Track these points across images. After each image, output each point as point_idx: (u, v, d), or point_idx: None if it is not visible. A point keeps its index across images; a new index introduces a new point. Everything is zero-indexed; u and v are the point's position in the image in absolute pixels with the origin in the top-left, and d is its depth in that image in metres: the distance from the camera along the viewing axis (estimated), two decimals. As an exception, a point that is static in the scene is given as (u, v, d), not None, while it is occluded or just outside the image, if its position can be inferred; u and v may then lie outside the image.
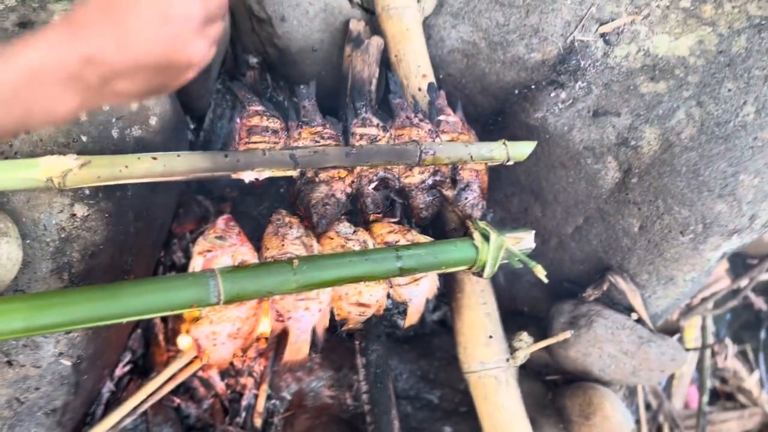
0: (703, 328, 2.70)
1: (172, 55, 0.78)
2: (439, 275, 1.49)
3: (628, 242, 1.66)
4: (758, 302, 3.39)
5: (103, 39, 0.73)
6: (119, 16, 0.74)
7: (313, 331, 1.35)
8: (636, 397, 2.42)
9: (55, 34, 0.73)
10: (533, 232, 1.55)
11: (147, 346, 1.78)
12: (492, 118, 1.90)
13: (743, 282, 2.62)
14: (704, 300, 2.52)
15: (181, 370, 1.70)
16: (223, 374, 1.80)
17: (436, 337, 2.05)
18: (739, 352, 3.18)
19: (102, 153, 1.25)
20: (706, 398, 2.49)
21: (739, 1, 1.58)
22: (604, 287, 1.71)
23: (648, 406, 2.51)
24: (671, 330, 2.42)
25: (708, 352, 2.63)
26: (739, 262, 3.14)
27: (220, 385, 1.80)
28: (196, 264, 1.25)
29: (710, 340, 2.75)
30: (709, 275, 1.85)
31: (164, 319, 1.79)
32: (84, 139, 1.24)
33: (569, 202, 1.74)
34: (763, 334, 3.37)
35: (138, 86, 0.80)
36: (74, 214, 1.27)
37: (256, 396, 1.79)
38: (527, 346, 1.57)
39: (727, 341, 2.86)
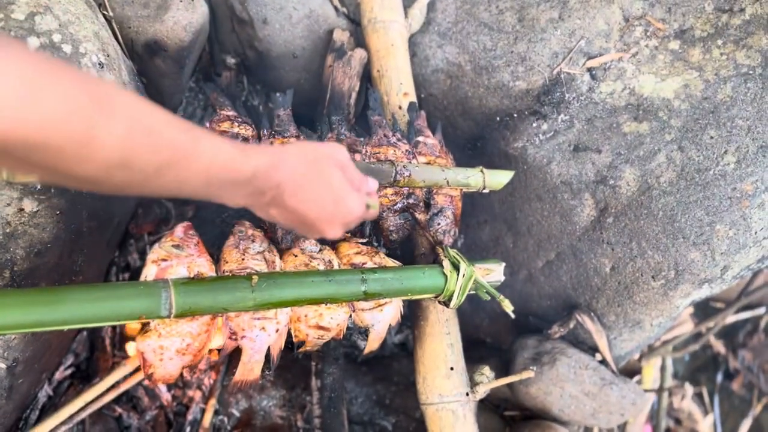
0: (663, 369, 2.69)
1: (322, 224, 1.00)
2: (404, 300, 1.44)
3: (599, 282, 1.63)
4: (717, 345, 3.41)
5: (290, 182, 0.91)
6: (311, 176, 0.94)
7: (268, 352, 1.29)
8: (591, 434, 2.39)
9: (265, 158, 0.87)
10: (503, 264, 1.51)
11: (92, 350, 1.69)
12: (471, 142, 1.86)
13: (706, 326, 2.62)
14: (666, 342, 2.51)
15: (126, 378, 1.62)
16: (171, 385, 1.72)
17: (395, 360, 2.00)
18: (695, 393, 3.19)
19: (58, 146, 1.18)
20: (660, 440, 2.48)
21: (728, 48, 1.56)
22: (571, 325, 1.68)
23: (603, 444, 2.48)
24: (631, 371, 2.40)
25: (665, 393, 2.63)
26: (701, 304, 3.15)
27: (165, 396, 1.71)
28: (149, 272, 1.18)
29: (669, 381, 2.74)
30: (675, 320, 1.83)
31: (113, 323, 1.70)
32: (40, 130, 1.16)
33: (542, 236, 1.71)
34: (719, 377, 3.39)
35: (284, 221, 0.99)
36: (22, 209, 1.18)
37: (203, 410, 1.71)
38: (488, 381, 1.53)
39: (687, 385, 2.86)
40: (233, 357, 1.69)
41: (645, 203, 1.52)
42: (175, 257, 1.20)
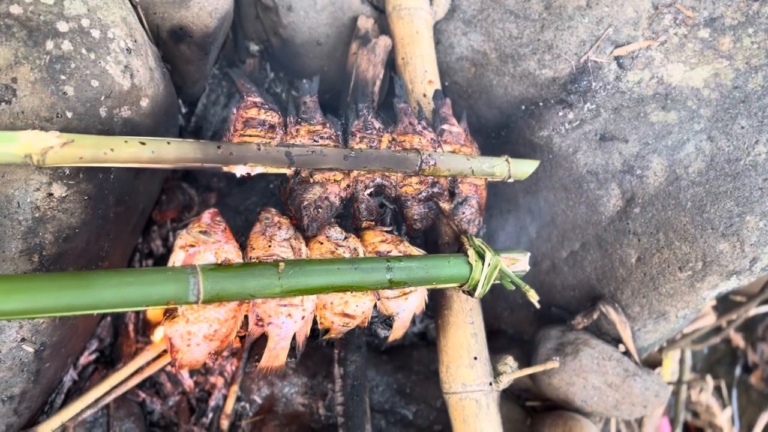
0: (682, 362, 2.68)
1: None
2: (427, 290, 1.43)
3: (624, 273, 1.61)
4: (736, 338, 3.38)
5: None
6: None
7: (293, 339, 1.29)
8: (610, 427, 2.38)
9: None
10: (528, 254, 1.50)
11: (116, 335, 1.70)
12: (495, 131, 1.85)
13: (727, 319, 2.59)
14: (686, 335, 2.49)
15: (149, 363, 1.63)
16: (193, 371, 1.73)
17: (415, 349, 1.99)
18: (714, 387, 3.16)
19: (87, 132, 1.18)
20: (679, 433, 2.46)
21: (759, 36, 1.54)
22: (595, 316, 1.66)
23: (621, 436, 2.48)
24: (652, 362, 2.38)
25: (684, 385, 2.61)
26: (722, 297, 3.12)
27: (188, 383, 1.72)
28: (177, 258, 1.18)
29: (687, 373, 2.73)
30: (699, 312, 1.81)
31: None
32: (69, 115, 1.16)
33: (567, 226, 1.69)
34: (738, 371, 3.36)
35: None
36: (51, 194, 1.19)
37: (225, 397, 1.72)
38: (512, 371, 1.52)
39: (708, 378, 2.84)
40: (256, 344, 1.69)
41: (673, 193, 1.50)
42: (202, 243, 1.20)
